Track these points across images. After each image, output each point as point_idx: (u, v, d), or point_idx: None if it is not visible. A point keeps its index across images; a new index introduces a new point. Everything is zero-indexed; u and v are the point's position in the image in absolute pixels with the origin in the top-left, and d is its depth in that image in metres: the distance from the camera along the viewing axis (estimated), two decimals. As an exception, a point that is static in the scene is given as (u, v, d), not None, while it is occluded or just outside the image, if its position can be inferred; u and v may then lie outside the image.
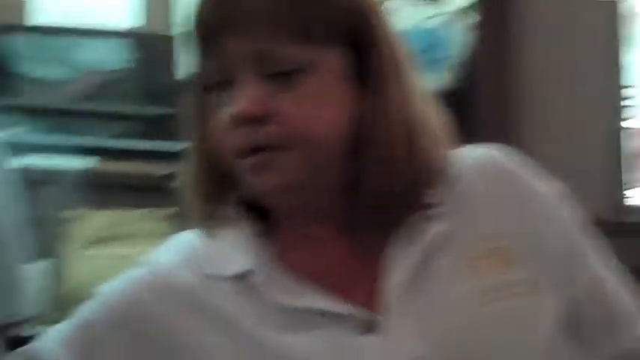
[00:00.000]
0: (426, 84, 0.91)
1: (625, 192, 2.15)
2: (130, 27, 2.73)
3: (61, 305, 1.86)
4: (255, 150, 0.84)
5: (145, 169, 2.29)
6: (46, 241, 1.98)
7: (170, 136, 2.04)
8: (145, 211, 2.01)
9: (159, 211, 2.00)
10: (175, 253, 0.92)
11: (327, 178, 0.87)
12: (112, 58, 2.48)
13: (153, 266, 0.92)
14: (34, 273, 1.94)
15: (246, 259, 0.88)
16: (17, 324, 1.41)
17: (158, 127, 2.35)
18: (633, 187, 2.17)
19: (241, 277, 0.88)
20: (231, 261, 0.89)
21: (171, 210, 2.00)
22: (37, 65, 2.41)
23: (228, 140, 0.85)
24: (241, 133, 0.84)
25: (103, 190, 2.15)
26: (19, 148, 1.28)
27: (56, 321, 1.84)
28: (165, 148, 2.15)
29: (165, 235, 0.96)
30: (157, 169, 2.16)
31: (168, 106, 2.22)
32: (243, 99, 0.84)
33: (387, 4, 0.98)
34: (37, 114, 2.32)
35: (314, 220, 0.89)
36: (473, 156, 0.93)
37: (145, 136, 2.40)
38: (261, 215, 0.90)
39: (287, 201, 0.88)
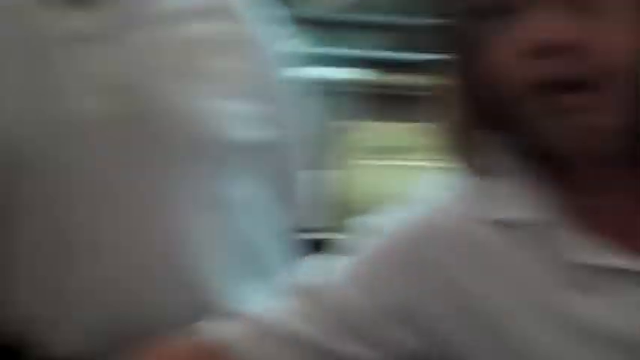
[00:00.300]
0: None
1: None
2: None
3: (341, 215, 1.90)
4: (557, 85, 0.74)
5: (423, 80, 2.26)
6: (326, 152, 2.02)
7: (445, 48, 1.98)
8: (423, 124, 1.99)
9: (436, 125, 1.97)
10: (453, 193, 0.86)
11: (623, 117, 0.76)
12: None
13: (434, 207, 0.86)
14: (316, 182, 1.99)
15: (528, 207, 0.80)
16: (303, 232, 1.44)
17: (431, 38, 2.30)
18: None
19: (526, 226, 0.80)
20: (513, 207, 0.81)
21: (448, 123, 1.96)
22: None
23: (517, 74, 0.75)
24: (539, 65, 0.74)
25: (381, 102, 2.15)
26: (299, 59, 1.27)
27: (335, 231, 1.88)
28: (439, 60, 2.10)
29: (443, 149, 0.90)
30: (434, 80, 2.12)
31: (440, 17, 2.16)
32: (543, 27, 0.74)
33: None
34: (310, 25, 2.35)
35: (606, 166, 0.79)
36: None
37: (419, 47, 2.36)
38: (538, 160, 0.81)
39: (587, 146, 0.77)
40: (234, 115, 1.12)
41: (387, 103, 2.17)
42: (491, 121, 0.81)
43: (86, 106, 1.07)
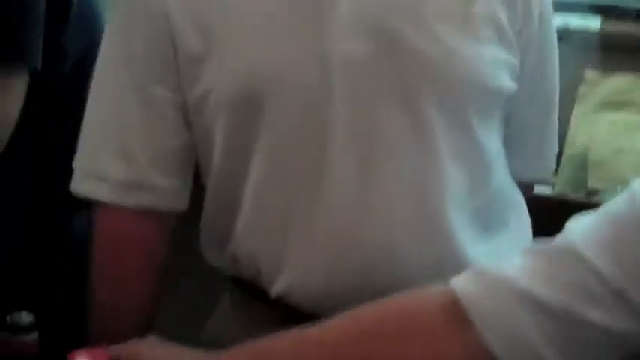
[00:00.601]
0: None
1: None
2: None
3: (566, 168, 1.82)
4: None
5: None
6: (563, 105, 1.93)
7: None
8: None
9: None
10: None
11: None
12: None
13: None
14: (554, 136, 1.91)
15: None
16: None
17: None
18: None
19: None
20: None
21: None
22: None
23: None
24: None
25: (612, 52, 2.03)
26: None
27: (569, 183, 1.79)
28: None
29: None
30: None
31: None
32: None
33: None
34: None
35: None
36: None
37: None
38: None
39: None
40: (494, 62, 1.09)
41: (618, 53, 2.05)
42: None
43: (344, 47, 1.05)
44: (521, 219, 1.23)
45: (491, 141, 1.12)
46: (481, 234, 1.12)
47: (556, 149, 1.30)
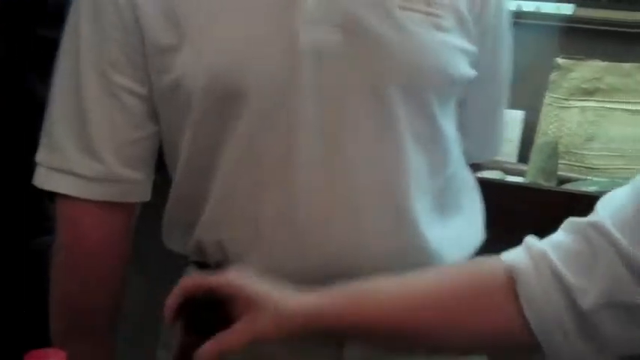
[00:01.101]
0: None
1: None
2: None
3: (537, 156, 1.82)
4: None
5: (629, 16, 2.11)
6: (526, 89, 1.93)
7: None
8: (635, 63, 1.86)
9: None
10: None
11: None
12: None
13: None
14: (510, 119, 1.91)
15: None
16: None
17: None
18: None
19: None
20: None
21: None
22: None
23: None
24: None
25: (584, 39, 2.03)
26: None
27: (541, 171, 1.79)
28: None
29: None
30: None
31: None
32: None
33: None
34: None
35: None
36: None
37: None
38: None
39: None
40: (456, 50, 1.11)
41: (590, 39, 2.04)
42: None
43: (312, 36, 1.05)
44: (475, 203, 1.26)
45: (449, 126, 1.15)
46: (439, 218, 1.14)
47: (504, 130, 1.35)
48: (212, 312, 0.93)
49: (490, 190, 1.75)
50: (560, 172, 1.80)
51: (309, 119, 1.06)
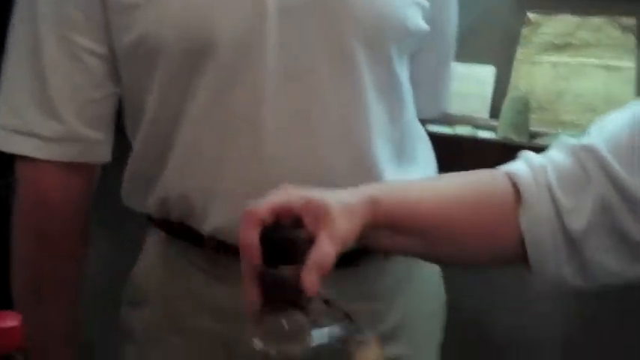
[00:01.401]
0: None
1: None
2: None
3: (508, 111, 1.82)
4: None
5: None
6: (498, 44, 1.92)
7: None
8: (606, 18, 1.85)
9: (622, 20, 1.82)
10: None
11: None
12: None
13: None
14: (482, 75, 1.91)
15: None
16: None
17: None
18: None
19: None
20: None
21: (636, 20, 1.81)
22: None
23: None
24: None
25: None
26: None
27: (512, 126, 1.79)
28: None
29: (628, 47, 0.85)
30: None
31: None
32: None
33: None
34: None
35: None
36: None
37: None
38: None
39: None
40: (412, 4, 1.15)
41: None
42: None
43: None
44: (428, 154, 1.30)
45: (405, 76, 1.18)
46: (397, 165, 1.18)
47: (450, 89, 1.38)
48: (285, 237, 0.86)
49: (462, 146, 1.77)
50: (531, 128, 1.80)
51: (274, 75, 1.08)
